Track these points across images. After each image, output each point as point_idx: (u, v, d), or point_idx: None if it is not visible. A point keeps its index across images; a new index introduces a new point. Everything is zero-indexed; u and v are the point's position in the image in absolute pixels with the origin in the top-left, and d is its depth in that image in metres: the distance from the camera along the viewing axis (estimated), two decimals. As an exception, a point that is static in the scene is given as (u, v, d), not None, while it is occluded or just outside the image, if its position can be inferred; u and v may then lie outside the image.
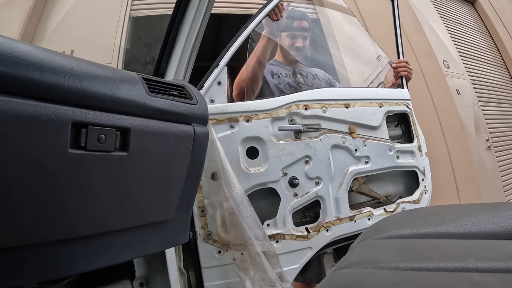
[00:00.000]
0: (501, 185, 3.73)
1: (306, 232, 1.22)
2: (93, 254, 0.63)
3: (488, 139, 3.74)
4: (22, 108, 0.48)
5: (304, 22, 1.65)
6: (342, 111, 1.33)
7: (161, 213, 0.75)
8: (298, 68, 1.67)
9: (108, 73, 0.63)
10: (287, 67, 1.64)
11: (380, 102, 1.44)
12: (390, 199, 1.50)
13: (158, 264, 1.04)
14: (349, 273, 0.42)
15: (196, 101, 0.82)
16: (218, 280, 1.10)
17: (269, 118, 1.19)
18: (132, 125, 0.64)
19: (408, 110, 1.52)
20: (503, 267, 0.34)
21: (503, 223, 0.47)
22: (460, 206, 0.67)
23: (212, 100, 1.14)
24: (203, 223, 1.09)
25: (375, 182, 1.48)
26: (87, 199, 0.59)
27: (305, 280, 1.42)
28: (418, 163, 1.49)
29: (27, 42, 0.54)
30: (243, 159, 1.15)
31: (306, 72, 1.66)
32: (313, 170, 1.23)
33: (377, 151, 1.38)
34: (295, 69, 1.65)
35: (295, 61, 1.67)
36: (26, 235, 0.52)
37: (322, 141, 1.26)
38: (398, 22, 1.68)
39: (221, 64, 1.16)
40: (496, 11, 4.81)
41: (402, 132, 1.57)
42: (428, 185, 1.51)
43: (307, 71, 1.68)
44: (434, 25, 3.88)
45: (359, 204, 1.44)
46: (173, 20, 1.11)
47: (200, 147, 0.81)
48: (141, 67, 2.67)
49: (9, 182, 0.48)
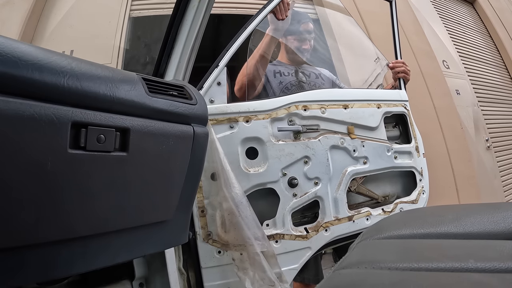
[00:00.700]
0: (500, 185, 3.73)
1: (305, 232, 1.22)
2: (92, 254, 0.63)
3: (487, 139, 3.75)
4: (22, 108, 0.48)
5: (309, 25, 1.66)
6: (340, 112, 1.33)
7: (160, 213, 0.75)
8: (301, 67, 1.67)
9: (108, 73, 0.63)
10: (290, 67, 1.65)
11: (378, 103, 1.44)
12: (388, 199, 1.50)
13: (157, 265, 1.04)
14: (349, 273, 0.42)
15: (195, 101, 0.82)
16: (218, 280, 1.10)
17: (268, 119, 1.20)
18: (131, 125, 0.64)
19: (406, 111, 1.53)
20: (502, 267, 0.34)
21: (503, 223, 0.47)
22: (460, 206, 0.67)
23: (211, 100, 1.14)
24: (203, 223, 1.09)
25: (373, 183, 1.49)
26: (86, 200, 0.59)
27: (302, 280, 1.42)
28: (416, 164, 1.50)
29: (26, 42, 0.54)
30: (242, 160, 1.15)
31: (310, 72, 1.67)
32: (312, 170, 1.24)
33: (375, 151, 1.39)
34: (298, 68, 1.65)
35: (302, 63, 1.67)
36: (26, 235, 0.52)
37: (321, 141, 1.26)
38: (396, 23, 1.69)
39: (221, 65, 1.16)
40: (496, 12, 4.82)
41: (400, 133, 1.57)
42: (425, 186, 1.52)
43: (310, 70, 1.68)
44: (433, 26, 3.88)
45: (358, 204, 1.44)
46: (173, 20, 1.11)
47: (200, 148, 0.81)
48: (140, 67, 2.67)
49: (9, 182, 0.48)
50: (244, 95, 1.43)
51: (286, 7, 1.36)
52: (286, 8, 1.37)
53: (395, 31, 1.69)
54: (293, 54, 1.65)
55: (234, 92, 1.47)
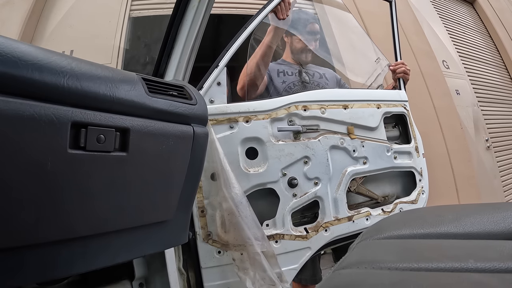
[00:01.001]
0: (500, 185, 3.73)
1: (305, 232, 1.23)
2: (92, 254, 0.63)
3: (487, 140, 3.75)
4: (22, 108, 0.48)
5: (315, 25, 1.66)
6: (340, 112, 1.33)
7: (160, 213, 0.75)
8: (306, 67, 1.67)
9: (108, 73, 0.62)
10: (294, 66, 1.64)
11: (378, 104, 1.45)
12: (387, 199, 1.50)
13: (157, 265, 1.04)
14: (349, 274, 0.42)
15: (195, 101, 0.82)
16: (218, 280, 1.10)
17: (268, 119, 1.20)
18: (131, 125, 0.64)
19: (406, 111, 1.53)
20: (502, 267, 0.34)
21: (503, 223, 0.47)
22: (460, 206, 0.67)
23: (211, 100, 1.14)
24: (203, 223, 1.09)
25: (373, 183, 1.49)
26: (86, 200, 0.59)
27: (299, 281, 1.41)
28: (415, 164, 1.50)
29: (26, 42, 0.54)
30: (242, 160, 1.15)
31: (313, 71, 1.66)
32: (312, 170, 1.24)
33: (375, 152, 1.39)
34: (302, 68, 1.64)
35: (307, 62, 1.67)
36: (26, 235, 0.52)
37: (321, 142, 1.26)
38: (396, 24, 1.69)
39: (221, 65, 1.16)
40: (496, 12, 4.82)
41: (399, 133, 1.58)
42: (425, 186, 1.52)
43: (314, 70, 1.68)
44: (433, 26, 3.89)
45: (357, 204, 1.44)
46: (173, 20, 1.11)
47: (200, 148, 0.81)
48: (140, 67, 2.67)
49: (9, 182, 0.48)
50: (245, 94, 1.43)
51: (287, 6, 1.36)
52: (287, 8, 1.37)
53: (395, 32, 1.69)
54: (298, 54, 1.65)
55: (237, 91, 1.47)
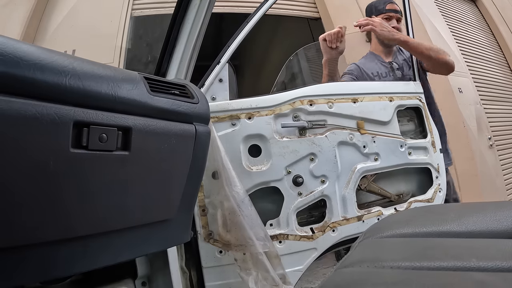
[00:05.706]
0: (503, 184, 3.71)
1: (311, 233, 1.19)
2: (94, 253, 0.64)
3: (490, 138, 3.72)
4: (24, 108, 0.48)
5: (395, 5, 1.63)
6: (349, 106, 1.28)
7: (162, 212, 0.75)
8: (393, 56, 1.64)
9: (110, 72, 0.63)
10: (385, 63, 1.61)
11: (391, 96, 1.37)
12: (402, 197, 1.42)
13: (160, 263, 1.04)
14: (351, 272, 0.42)
15: (197, 100, 0.82)
16: (219, 280, 1.09)
17: (271, 115, 1.17)
18: (133, 125, 0.64)
19: (421, 103, 1.45)
20: (505, 266, 0.34)
21: (506, 222, 0.47)
22: (462, 205, 0.67)
23: (213, 97, 1.14)
24: (204, 222, 1.09)
25: (386, 180, 1.41)
26: (88, 199, 0.59)
27: None
28: (432, 160, 1.42)
29: (28, 42, 0.54)
30: (245, 158, 1.14)
31: (401, 63, 1.63)
32: (319, 168, 1.20)
33: (388, 147, 1.32)
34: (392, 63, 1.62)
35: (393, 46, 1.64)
36: (28, 234, 0.52)
37: (328, 137, 1.22)
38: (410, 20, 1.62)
39: (222, 61, 1.15)
40: (498, 9, 4.78)
41: (415, 127, 1.49)
42: (442, 183, 1.43)
43: (401, 60, 1.64)
44: (435, 23, 3.86)
45: (368, 203, 1.38)
46: (175, 19, 1.11)
47: (202, 146, 0.81)
48: (142, 66, 2.67)
49: (11, 182, 0.48)
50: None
51: (339, 36, 1.36)
52: (339, 38, 1.37)
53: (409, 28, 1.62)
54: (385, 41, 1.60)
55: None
